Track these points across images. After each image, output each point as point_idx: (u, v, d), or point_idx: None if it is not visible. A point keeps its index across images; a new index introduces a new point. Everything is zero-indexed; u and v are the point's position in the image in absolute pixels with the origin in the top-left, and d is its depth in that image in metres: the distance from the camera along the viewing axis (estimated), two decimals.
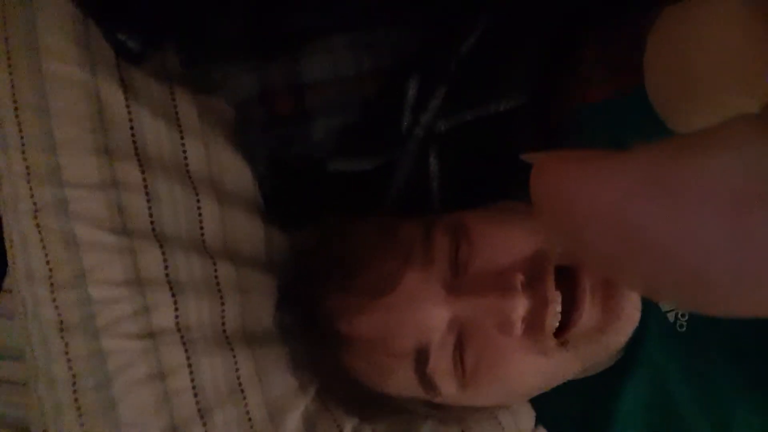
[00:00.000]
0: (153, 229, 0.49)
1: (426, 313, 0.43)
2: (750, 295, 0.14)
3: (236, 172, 0.54)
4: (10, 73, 0.48)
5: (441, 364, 0.44)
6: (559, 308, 0.43)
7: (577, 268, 0.44)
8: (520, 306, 0.42)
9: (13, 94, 0.48)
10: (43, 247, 0.47)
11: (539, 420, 0.60)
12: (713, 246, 0.13)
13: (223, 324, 0.51)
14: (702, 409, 0.50)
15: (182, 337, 0.48)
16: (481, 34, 0.50)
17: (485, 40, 0.50)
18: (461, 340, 0.44)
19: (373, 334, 0.44)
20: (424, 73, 0.50)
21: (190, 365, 0.48)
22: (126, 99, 0.49)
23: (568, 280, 0.44)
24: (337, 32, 0.48)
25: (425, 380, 0.45)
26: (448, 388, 0.45)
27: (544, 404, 0.59)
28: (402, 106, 0.49)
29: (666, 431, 0.51)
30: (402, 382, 0.46)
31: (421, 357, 0.44)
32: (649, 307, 0.52)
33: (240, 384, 0.50)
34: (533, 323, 0.42)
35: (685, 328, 0.51)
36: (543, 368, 0.45)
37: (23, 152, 0.47)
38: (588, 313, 0.43)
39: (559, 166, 0.16)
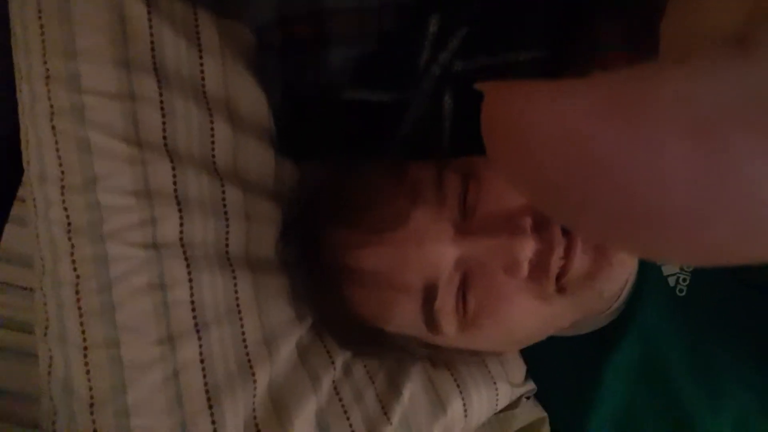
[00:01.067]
0: (165, 144, 0.49)
1: (436, 250, 0.44)
2: (708, 233, 0.12)
3: (252, 99, 0.54)
4: None
5: (447, 303, 0.44)
6: (563, 252, 0.43)
7: None
8: (528, 248, 0.42)
9: (38, 0, 0.48)
10: (57, 150, 0.47)
11: (529, 376, 0.61)
12: (674, 175, 0.12)
13: (227, 245, 0.52)
14: (692, 373, 0.50)
15: (185, 252, 0.49)
16: None
17: None
18: (466, 280, 0.44)
19: (380, 268, 0.45)
20: (446, 11, 0.49)
21: (190, 280, 0.49)
22: (149, 14, 0.49)
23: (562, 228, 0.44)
24: None
25: (430, 318, 0.45)
26: (450, 328, 0.46)
27: (536, 362, 0.60)
28: (422, 41, 0.49)
29: (654, 389, 0.51)
30: (404, 319, 0.47)
31: (430, 294, 0.44)
32: (649, 270, 0.52)
33: (238, 305, 0.51)
34: (538, 266, 0.43)
35: (684, 293, 0.51)
36: (542, 313, 0.46)
37: (44, 56, 0.48)
38: (580, 259, 0.44)
39: (514, 91, 0.14)
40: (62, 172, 0.47)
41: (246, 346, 0.51)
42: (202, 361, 0.49)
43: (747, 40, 0.13)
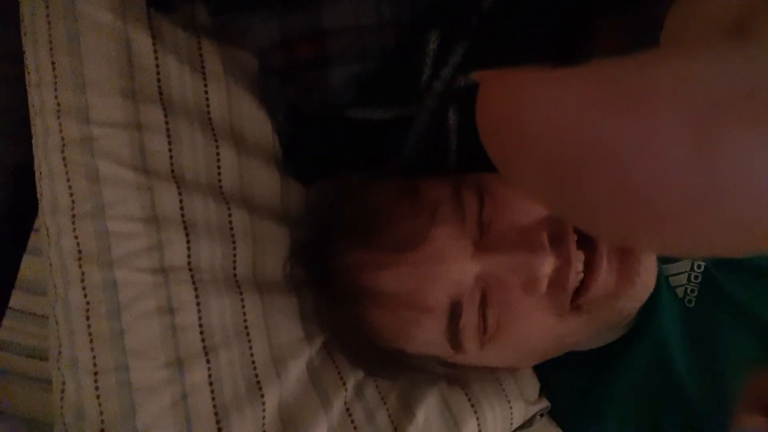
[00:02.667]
0: (172, 171, 0.50)
1: (459, 268, 0.44)
2: (703, 218, 0.12)
3: (256, 122, 0.55)
4: (48, 15, 0.50)
5: (470, 320, 0.44)
6: (580, 267, 0.43)
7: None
8: (548, 264, 0.42)
9: (50, 35, 0.50)
10: (68, 180, 0.49)
11: (542, 391, 0.59)
12: (671, 159, 0.12)
13: (234, 268, 0.52)
14: (702, 383, 0.49)
15: (193, 275, 0.50)
16: None
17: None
18: (484, 297, 0.44)
19: (401, 289, 0.45)
20: (445, 27, 0.50)
21: (198, 303, 0.49)
22: (154, 45, 0.51)
23: (584, 245, 0.44)
24: None
25: (454, 336, 0.45)
26: (471, 345, 0.45)
27: (545, 375, 0.59)
28: (422, 58, 0.49)
29: (664, 400, 0.50)
30: (426, 338, 0.46)
31: (454, 312, 0.44)
32: (658, 282, 0.51)
33: (246, 327, 0.52)
34: (556, 282, 0.43)
35: (693, 304, 0.50)
36: (558, 330, 0.46)
37: (55, 90, 0.50)
38: (604, 279, 0.43)
39: (510, 80, 0.14)
40: (73, 201, 0.49)
41: (255, 368, 0.51)
42: (210, 384, 0.49)
43: (745, 30, 0.13)
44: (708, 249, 0.13)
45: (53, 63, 0.50)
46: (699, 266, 0.51)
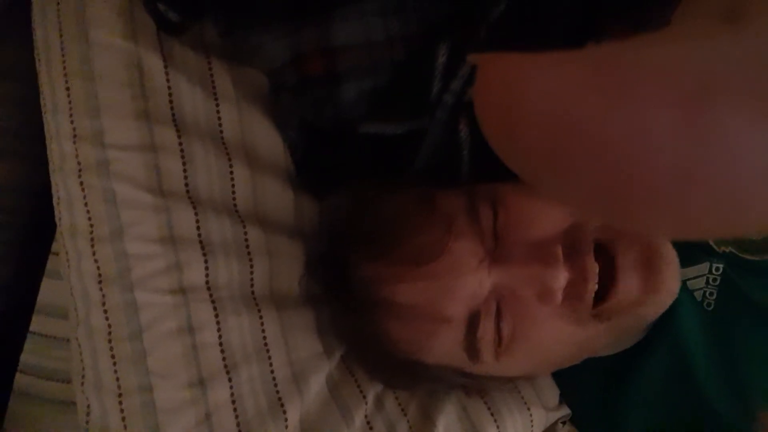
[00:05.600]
0: (187, 191, 0.51)
1: (477, 280, 0.44)
2: (693, 198, 0.12)
3: (268, 140, 0.55)
4: (62, 42, 0.51)
5: (487, 331, 0.44)
6: (596, 280, 0.43)
7: (616, 242, 0.44)
8: (561, 277, 0.42)
9: (64, 61, 0.51)
10: (86, 204, 0.49)
11: (562, 398, 0.59)
12: (662, 142, 0.12)
13: (252, 285, 0.53)
14: (723, 387, 0.49)
15: (211, 294, 0.50)
16: (511, 1, 0.50)
17: (515, 7, 0.50)
18: (499, 307, 0.44)
19: (419, 301, 0.45)
20: (453, 40, 0.50)
21: (218, 322, 0.50)
22: (165, 67, 0.51)
23: (605, 252, 0.44)
24: None
25: (472, 347, 0.45)
26: (488, 356, 0.45)
27: (565, 381, 0.59)
28: (432, 71, 0.49)
29: (684, 405, 0.50)
30: (444, 349, 0.46)
31: (472, 323, 0.44)
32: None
33: (266, 343, 0.52)
34: (572, 294, 0.43)
35: (712, 307, 0.50)
36: (576, 338, 0.46)
37: (71, 116, 0.50)
38: (627, 287, 0.43)
39: (507, 62, 0.14)
40: (91, 225, 0.49)
41: (276, 384, 0.52)
42: (233, 402, 0.49)
43: (736, 15, 0.13)
44: (704, 229, 0.13)
45: (68, 88, 0.51)
46: (717, 269, 0.50)
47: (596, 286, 0.43)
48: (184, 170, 0.51)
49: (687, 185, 0.12)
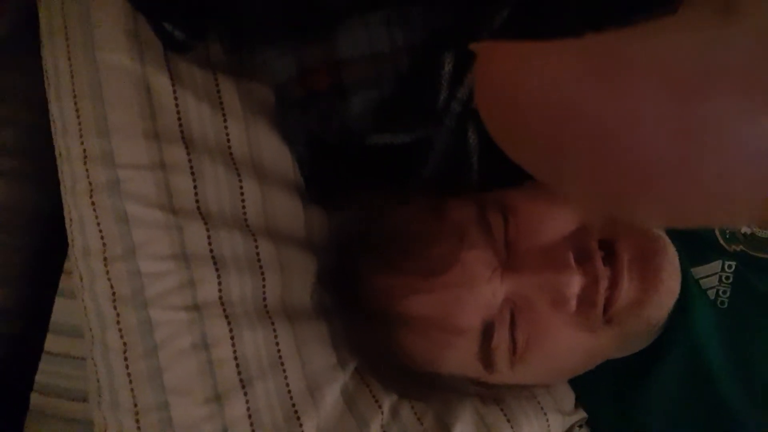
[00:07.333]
0: (198, 208, 0.51)
1: (490, 290, 0.44)
2: (685, 185, 0.12)
3: (277, 154, 0.56)
4: (70, 64, 0.51)
5: (502, 341, 0.44)
6: (608, 284, 0.43)
7: (615, 243, 0.44)
8: (575, 283, 0.42)
9: (73, 84, 0.51)
10: (98, 224, 0.50)
11: (578, 402, 0.59)
12: (653, 126, 0.12)
13: (264, 299, 0.53)
14: (738, 384, 0.49)
15: (225, 310, 0.50)
16: (514, 8, 0.50)
17: (518, 14, 0.50)
18: (513, 316, 0.44)
19: (432, 312, 0.45)
20: (458, 48, 0.50)
21: (232, 337, 0.50)
22: (173, 86, 0.52)
23: (606, 257, 0.44)
24: (372, 10, 0.49)
25: (487, 357, 0.45)
26: (503, 365, 0.45)
27: (580, 384, 0.59)
28: (439, 80, 0.50)
29: (700, 404, 0.50)
30: (458, 359, 0.46)
31: (487, 333, 0.44)
32: (689, 285, 0.51)
33: (280, 357, 0.52)
34: (585, 300, 0.43)
35: (726, 305, 0.50)
36: (589, 345, 0.46)
37: (81, 137, 0.51)
38: (627, 288, 0.43)
39: (507, 51, 0.14)
40: (104, 245, 0.50)
41: (291, 397, 0.52)
42: (249, 416, 0.49)
43: (730, 9, 0.13)
44: (695, 215, 0.13)
45: (77, 110, 0.51)
46: (730, 266, 0.50)
47: (608, 290, 0.43)
48: (195, 187, 0.51)
49: (678, 170, 0.12)
